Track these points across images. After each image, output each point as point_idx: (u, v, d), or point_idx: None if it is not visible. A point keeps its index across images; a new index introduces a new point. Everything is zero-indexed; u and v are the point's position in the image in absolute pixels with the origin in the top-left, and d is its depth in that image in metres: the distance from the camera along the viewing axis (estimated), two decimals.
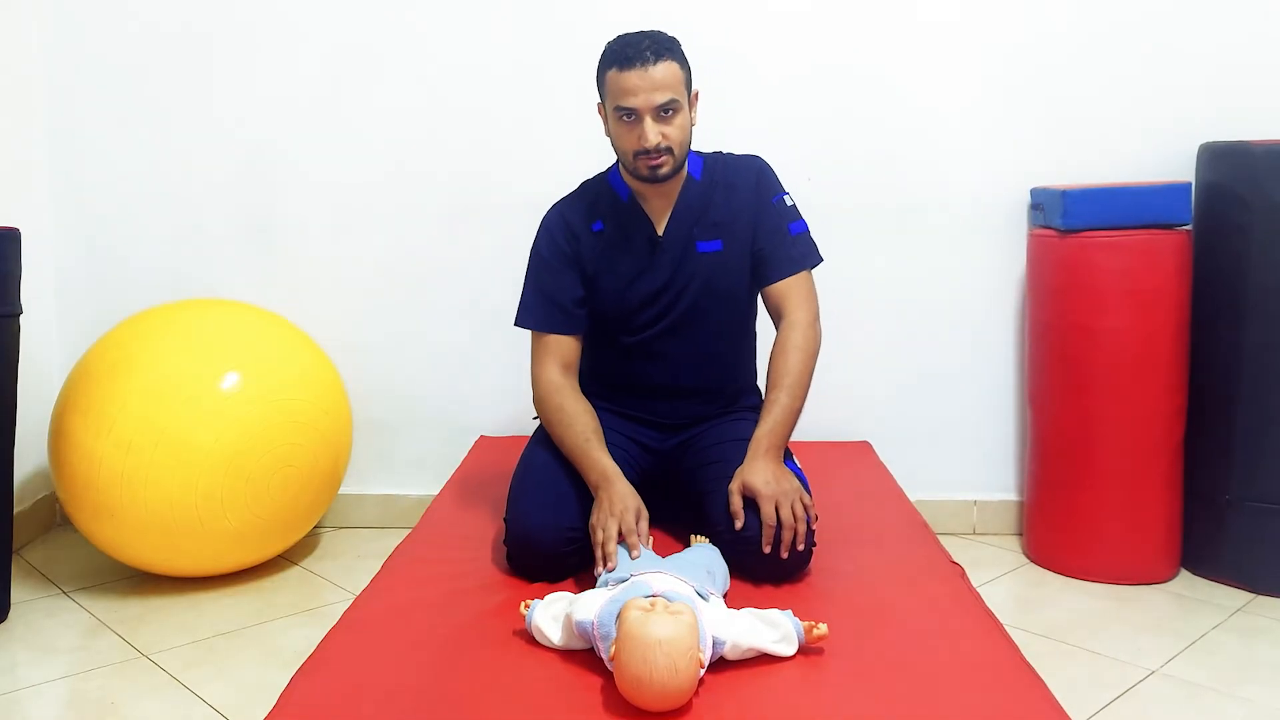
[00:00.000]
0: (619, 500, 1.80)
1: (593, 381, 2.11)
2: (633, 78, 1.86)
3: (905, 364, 2.93)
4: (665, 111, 1.88)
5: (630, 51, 1.87)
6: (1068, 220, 2.54)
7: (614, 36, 1.94)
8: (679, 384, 2.09)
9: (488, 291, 2.91)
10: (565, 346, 2.02)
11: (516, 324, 2.06)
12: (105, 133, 2.95)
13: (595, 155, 2.19)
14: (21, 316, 2.40)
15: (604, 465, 1.88)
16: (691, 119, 1.96)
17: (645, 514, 1.81)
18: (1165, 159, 2.76)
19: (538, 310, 2.04)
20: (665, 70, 1.87)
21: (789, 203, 2.06)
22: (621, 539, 1.75)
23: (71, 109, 2.95)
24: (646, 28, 1.93)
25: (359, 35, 2.89)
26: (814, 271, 2.07)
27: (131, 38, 2.91)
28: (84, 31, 2.92)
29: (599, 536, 1.76)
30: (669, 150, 1.91)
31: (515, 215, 2.76)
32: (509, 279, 2.30)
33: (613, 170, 2.08)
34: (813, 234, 2.08)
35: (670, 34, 1.93)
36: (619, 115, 1.90)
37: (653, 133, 1.88)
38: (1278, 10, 2.75)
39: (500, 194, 2.90)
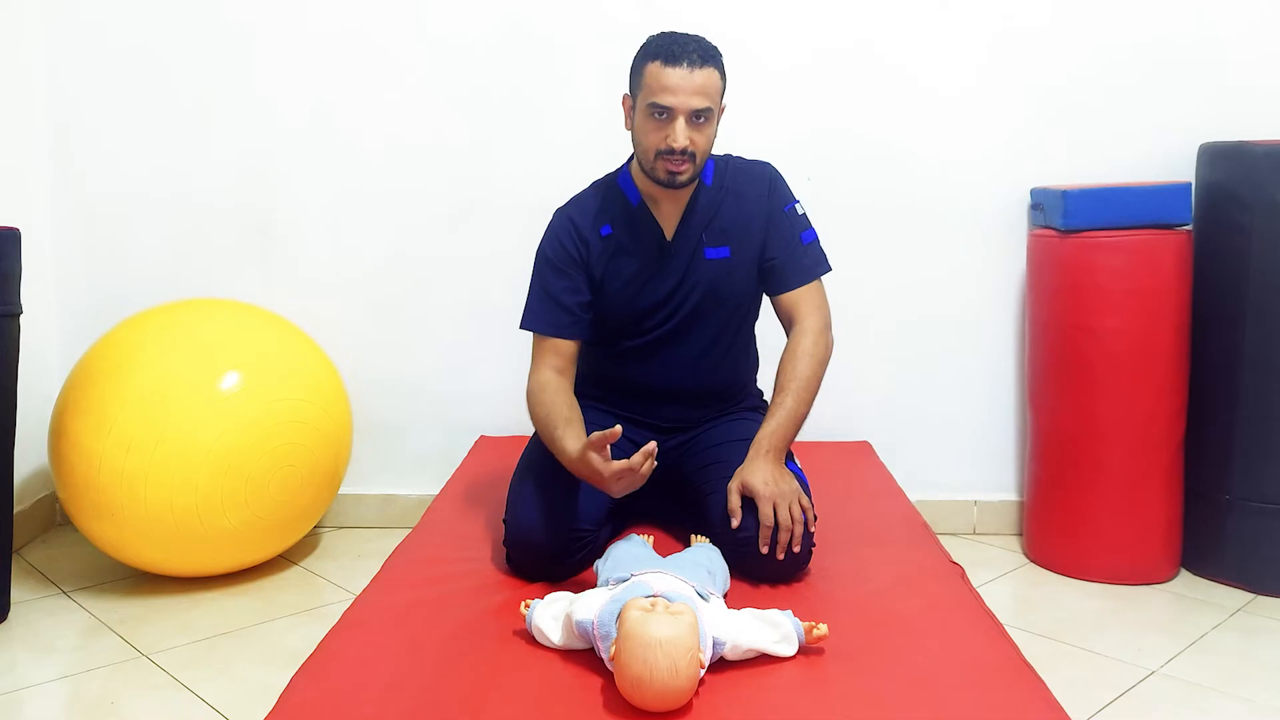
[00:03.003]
0: (593, 473, 1.74)
1: (591, 385, 2.11)
2: (676, 76, 1.83)
3: (905, 364, 2.93)
4: (699, 118, 1.86)
5: (677, 49, 1.83)
6: (1068, 220, 2.54)
7: (658, 32, 1.90)
8: (678, 387, 2.09)
9: (488, 291, 2.91)
10: (564, 350, 2.00)
11: (522, 327, 2.04)
12: (106, 133, 2.95)
13: (596, 156, 2.19)
14: (21, 316, 2.40)
15: (565, 448, 1.81)
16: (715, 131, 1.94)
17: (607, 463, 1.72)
18: (1165, 159, 2.76)
19: (541, 313, 2.01)
20: (707, 77, 1.85)
21: (800, 211, 2.05)
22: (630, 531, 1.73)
23: (72, 109, 2.94)
24: (651, 24, 1.92)
25: (360, 35, 2.88)
26: None
27: (132, 37, 2.91)
28: (85, 31, 2.92)
29: (617, 489, 1.73)
30: (692, 156, 1.88)
31: (515, 216, 2.78)
32: (509, 279, 2.30)
33: (622, 173, 2.06)
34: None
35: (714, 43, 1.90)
36: (651, 111, 1.86)
37: (683, 135, 1.85)
38: (1278, 11, 2.75)
39: (500, 194, 2.90)
